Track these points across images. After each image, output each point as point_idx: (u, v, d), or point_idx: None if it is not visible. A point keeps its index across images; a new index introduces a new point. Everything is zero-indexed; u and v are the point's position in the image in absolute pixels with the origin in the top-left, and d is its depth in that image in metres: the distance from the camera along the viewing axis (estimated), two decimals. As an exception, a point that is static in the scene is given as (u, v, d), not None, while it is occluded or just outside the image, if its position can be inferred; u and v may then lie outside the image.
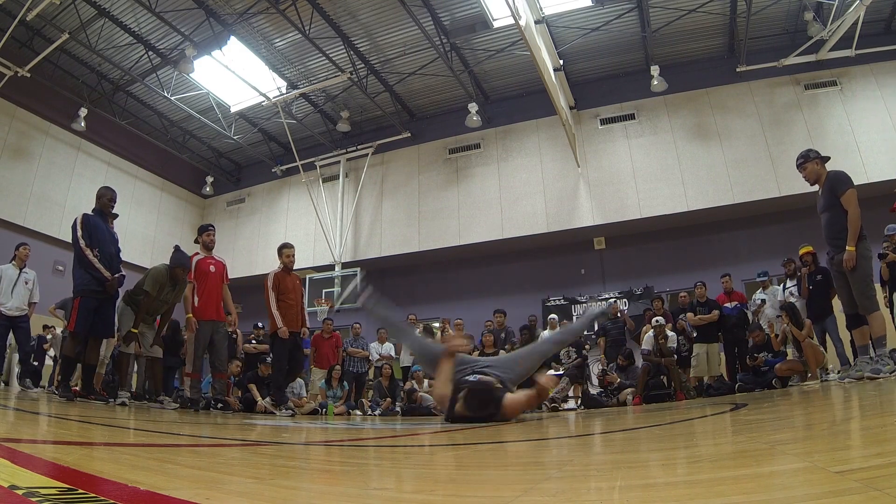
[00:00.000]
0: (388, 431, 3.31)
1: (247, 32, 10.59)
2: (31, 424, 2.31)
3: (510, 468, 1.27)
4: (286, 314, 6.13)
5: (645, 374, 7.61)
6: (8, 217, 10.95)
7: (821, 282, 6.73)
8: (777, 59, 10.58)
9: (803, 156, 4.88)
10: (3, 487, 0.68)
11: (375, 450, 1.90)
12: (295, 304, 6.31)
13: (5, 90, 10.51)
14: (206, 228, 6.36)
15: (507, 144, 12.54)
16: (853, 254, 4.41)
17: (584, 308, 11.49)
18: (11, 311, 6.81)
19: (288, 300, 6.23)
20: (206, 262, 6.09)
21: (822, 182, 4.79)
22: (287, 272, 6.40)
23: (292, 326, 6.18)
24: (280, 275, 6.31)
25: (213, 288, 6.05)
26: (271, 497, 0.82)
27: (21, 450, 1.15)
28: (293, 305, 6.27)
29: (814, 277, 6.82)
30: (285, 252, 6.46)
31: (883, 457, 0.88)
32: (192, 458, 1.44)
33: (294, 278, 6.49)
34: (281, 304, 6.16)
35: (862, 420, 1.72)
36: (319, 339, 9.33)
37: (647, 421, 3.09)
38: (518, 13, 7.42)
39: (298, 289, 6.51)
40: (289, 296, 6.25)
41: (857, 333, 4.68)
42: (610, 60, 11.70)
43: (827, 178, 4.75)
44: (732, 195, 10.49)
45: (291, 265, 6.47)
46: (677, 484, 0.86)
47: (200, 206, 15.80)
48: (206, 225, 6.49)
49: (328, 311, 11.90)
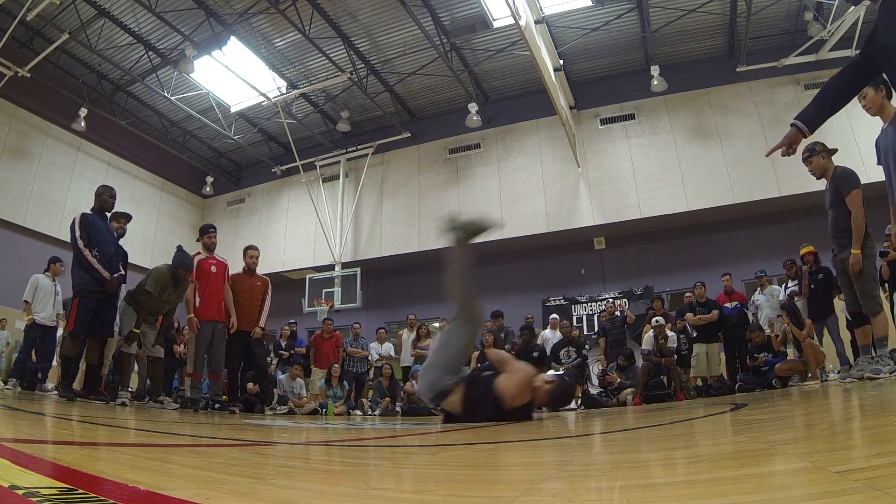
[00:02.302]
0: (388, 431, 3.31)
1: (247, 32, 10.59)
2: (31, 424, 2.31)
3: (510, 468, 1.27)
4: (238, 312, 6.25)
5: (645, 374, 7.61)
6: (8, 217, 10.96)
7: (822, 281, 6.71)
8: (777, 59, 10.58)
9: (809, 149, 4.75)
10: (4, 487, 0.68)
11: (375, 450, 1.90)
12: (246, 304, 6.38)
13: (5, 90, 10.51)
14: (207, 230, 6.39)
15: (507, 144, 12.54)
16: (859, 257, 4.33)
17: (585, 308, 11.51)
18: (44, 321, 7.20)
19: (241, 299, 6.35)
20: (207, 263, 6.11)
21: (828, 176, 4.67)
22: (248, 273, 6.57)
23: (243, 325, 6.27)
24: (237, 276, 6.52)
25: (215, 288, 6.07)
26: (271, 497, 0.82)
27: (21, 450, 1.15)
28: (244, 305, 6.35)
29: (815, 276, 6.80)
30: (249, 253, 6.64)
31: (883, 457, 0.88)
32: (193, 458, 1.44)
33: (255, 280, 6.59)
34: (235, 302, 6.29)
35: (862, 420, 1.72)
36: (319, 339, 9.34)
37: (648, 421, 3.09)
38: (518, 13, 7.42)
39: (256, 290, 6.54)
40: (243, 296, 6.38)
41: (859, 333, 4.65)
42: (610, 60, 11.70)
43: (833, 174, 4.64)
44: (732, 195, 10.49)
45: (254, 266, 6.64)
46: (677, 484, 0.86)
47: (200, 206, 15.80)
48: (207, 226, 6.52)
49: (328, 311, 11.91)
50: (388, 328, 10.78)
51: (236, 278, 6.46)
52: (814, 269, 6.83)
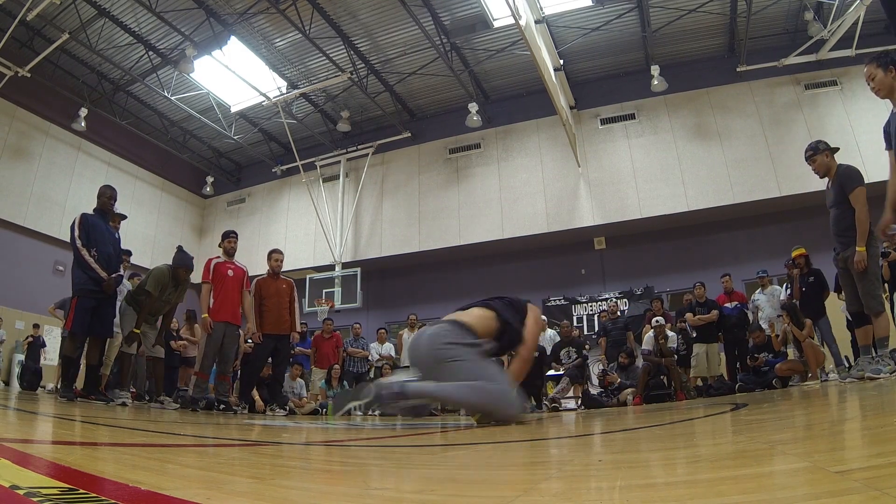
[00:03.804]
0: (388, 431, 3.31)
1: (247, 32, 10.60)
2: (31, 424, 2.31)
3: (510, 468, 1.27)
4: (266, 316, 6.24)
5: (645, 374, 7.61)
6: (8, 217, 10.97)
7: (813, 283, 6.71)
8: (777, 59, 10.58)
9: (812, 147, 4.71)
10: (5, 487, 0.68)
11: (376, 450, 1.90)
12: (274, 308, 6.37)
13: (5, 90, 10.52)
14: (228, 235, 6.40)
15: (507, 144, 12.54)
16: (864, 255, 4.28)
17: (585, 308, 11.51)
18: None
19: (269, 303, 6.35)
20: (224, 266, 6.12)
21: (831, 175, 4.63)
22: (273, 276, 6.54)
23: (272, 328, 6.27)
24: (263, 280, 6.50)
25: (230, 291, 6.07)
26: (272, 497, 0.82)
27: (22, 450, 1.15)
28: (272, 308, 6.35)
29: (806, 279, 6.79)
30: (273, 256, 6.62)
31: (883, 457, 0.88)
32: (193, 458, 1.44)
33: (280, 283, 6.57)
34: (263, 306, 6.29)
35: (862, 420, 1.72)
36: (320, 339, 9.34)
37: (648, 421, 3.09)
38: (518, 13, 7.42)
39: (283, 292, 6.52)
40: (271, 300, 6.36)
41: (859, 333, 4.62)
42: (610, 60, 11.70)
43: (837, 172, 4.60)
44: (732, 195, 10.49)
45: (278, 269, 6.61)
46: (677, 484, 0.86)
47: (201, 206, 15.81)
48: (228, 231, 6.52)
49: (328, 311, 11.91)
50: (389, 328, 10.78)
51: (262, 283, 6.45)
52: (805, 273, 6.80)
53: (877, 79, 3.72)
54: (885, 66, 3.68)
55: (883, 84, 3.71)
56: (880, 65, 3.68)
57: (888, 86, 3.70)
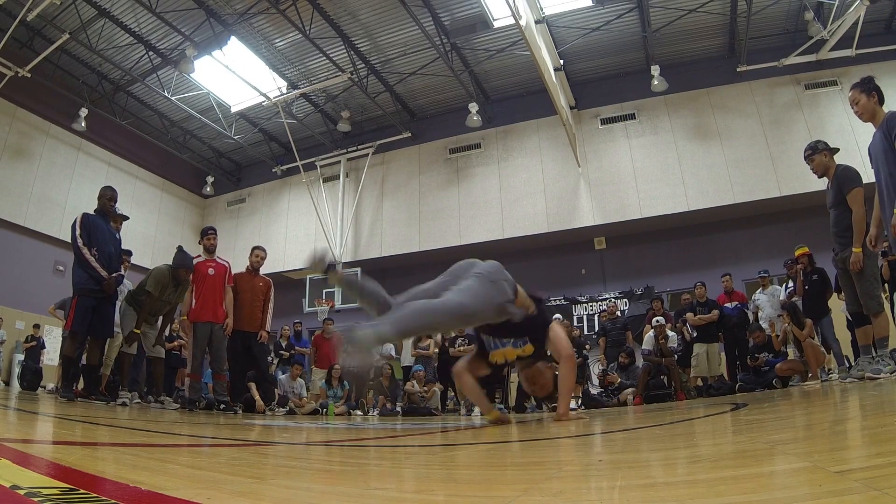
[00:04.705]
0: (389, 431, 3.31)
1: (247, 32, 10.60)
2: (32, 425, 2.31)
3: (510, 468, 1.27)
4: (238, 312, 6.19)
5: (645, 374, 7.61)
6: (8, 217, 10.97)
7: (817, 281, 6.70)
8: (777, 59, 10.58)
9: (811, 147, 4.73)
10: (5, 487, 0.68)
11: (376, 450, 1.90)
12: (247, 304, 6.32)
13: (6, 90, 10.52)
14: (206, 232, 6.36)
15: (507, 144, 12.54)
16: (860, 256, 4.29)
17: (585, 308, 11.50)
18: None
19: (242, 299, 6.30)
20: (205, 265, 6.09)
21: (830, 175, 4.64)
22: (252, 273, 6.50)
23: (243, 325, 6.22)
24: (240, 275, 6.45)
25: (212, 291, 6.04)
26: (272, 497, 0.82)
27: (23, 450, 1.15)
28: (244, 304, 6.30)
29: (810, 277, 6.79)
30: (255, 252, 6.58)
31: (883, 457, 0.88)
32: (194, 458, 1.44)
33: (257, 280, 6.53)
34: (236, 301, 6.24)
35: (862, 420, 1.72)
36: (320, 339, 9.33)
37: (648, 421, 3.09)
38: (518, 13, 7.42)
39: (258, 290, 6.46)
40: (244, 295, 6.32)
41: (859, 333, 4.64)
42: (610, 60, 11.70)
43: (835, 173, 4.60)
44: (732, 195, 10.48)
45: (258, 266, 6.57)
46: (677, 484, 0.87)
47: (201, 206, 15.80)
48: (207, 228, 6.49)
49: (329, 311, 11.91)
50: (389, 328, 10.75)
51: (238, 277, 6.41)
52: (808, 270, 6.81)
53: (860, 103, 3.90)
54: (868, 91, 3.87)
55: (866, 108, 3.90)
56: (864, 90, 3.88)
57: (870, 110, 3.89)
